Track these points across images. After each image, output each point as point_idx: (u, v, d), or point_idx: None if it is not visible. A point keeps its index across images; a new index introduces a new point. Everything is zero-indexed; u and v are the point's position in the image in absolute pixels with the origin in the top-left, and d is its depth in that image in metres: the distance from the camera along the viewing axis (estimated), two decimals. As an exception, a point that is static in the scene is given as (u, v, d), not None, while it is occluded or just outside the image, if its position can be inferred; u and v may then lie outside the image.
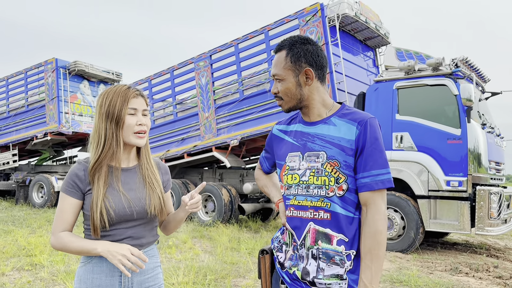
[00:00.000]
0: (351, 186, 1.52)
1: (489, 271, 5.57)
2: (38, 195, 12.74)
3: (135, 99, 1.60)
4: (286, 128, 1.73)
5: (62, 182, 12.12)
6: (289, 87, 1.59)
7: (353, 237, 1.52)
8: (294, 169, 1.62)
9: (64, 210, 1.56)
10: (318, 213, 1.54)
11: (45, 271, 4.84)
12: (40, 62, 12.69)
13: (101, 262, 1.57)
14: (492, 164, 6.71)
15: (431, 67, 6.60)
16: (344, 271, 1.51)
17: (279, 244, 1.70)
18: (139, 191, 1.62)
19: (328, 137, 1.56)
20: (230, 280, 4.69)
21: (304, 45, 1.59)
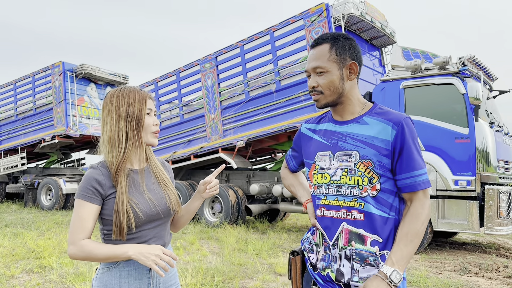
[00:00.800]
0: (384, 186, 1.50)
1: (499, 271, 5.52)
2: (47, 197, 12.83)
3: (150, 100, 1.62)
4: (315, 127, 1.71)
5: (69, 184, 12.21)
6: (333, 79, 1.55)
7: (387, 237, 1.50)
8: (324, 168, 1.59)
9: (84, 218, 1.49)
10: (351, 213, 1.51)
11: (54, 273, 4.87)
12: (47, 66, 12.79)
13: (128, 265, 1.53)
14: (501, 163, 6.66)
15: (438, 66, 6.57)
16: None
17: (310, 245, 1.66)
18: (158, 191, 1.61)
19: (361, 136, 1.53)
20: (238, 282, 4.69)
21: (348, 40, 1.58)
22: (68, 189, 12.47)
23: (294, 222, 10.87)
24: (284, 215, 10.72)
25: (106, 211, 1.51)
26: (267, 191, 9.01)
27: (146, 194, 1.57)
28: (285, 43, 8.23)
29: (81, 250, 1.46)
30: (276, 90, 8.41)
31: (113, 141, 1.55)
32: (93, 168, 1.55)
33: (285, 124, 8.25)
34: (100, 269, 1.56)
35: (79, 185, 1.53)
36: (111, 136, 1.55)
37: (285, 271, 5.21)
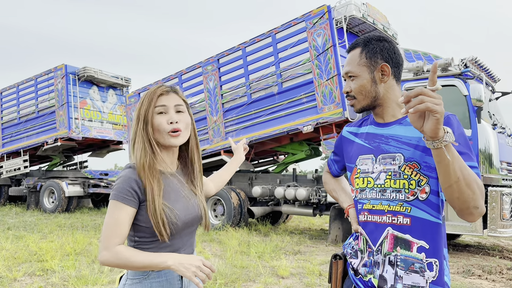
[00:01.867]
0: (433, 188, 1.43)
1: (502, 273, 5.49)
2: (49, 200, 12.85)
3: (164, 96, 1.48)
4: (357, 130, 1.67)
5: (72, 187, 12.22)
6: (364, 83, 1.52)
7: (435, 244, 1.43)
8: (367, 172, 1.55)
9: (121, 222, 1.38)
10: (397, 218, 1.46)
11: (56, 276, 4.87)
12: (50, 69, 12.84)
13: (160, 276, 1.45)
14: (504, 165, 6.63)
15: (440, 68, 6.55)
16: (425, 282, 1.41)
17: (353, 250, 1.62)
18: (192, 196, 1.54)
19: (404, 138, 1.47)
20: (240, 284, 4.68)
21: (380, 41, 1.54)
22: (70, 192, 12.49)
23: (297, 224, 10.85)
24: (287, 218, 10.70)
25: (141, 217, 1.42)
26: (270, 194, 9.00)
27: (181, 199, 1.49)
28: (287, 45, 8.23)
29: (116, 257, 1.36)
30: (278, 92, 8.41)
31: (135, 145, 1.48)
32: (133, 168, 1.44)
33: (287, 126, 8.25)
34: (128, 280, 1.47)
35: (116, 185, 1.42)
36: (132, 140, 1.50)
37: (287, 273, 5.20)
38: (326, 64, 7.65)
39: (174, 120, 1.46)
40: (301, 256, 6.43)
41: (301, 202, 8.55)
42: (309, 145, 9.12)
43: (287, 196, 8.50)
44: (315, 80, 7.81)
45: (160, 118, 1.46)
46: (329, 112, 7.65)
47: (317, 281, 4.93)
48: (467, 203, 1.26)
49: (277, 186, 8.99)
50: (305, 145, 9.11)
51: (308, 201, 8.39)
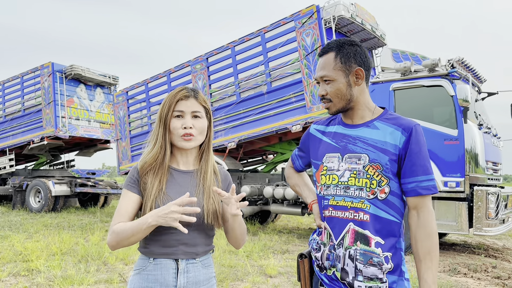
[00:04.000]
0: (393, 189, 1.55)
1: (488, 271, 5.56)
2: (35, 199, 12.69)
3: (183, 101, 1.56)
4: (325, 129, 1.75)
5: (58, 186, 12.11)
6: (340, 87, 1.60)
7: (391, 240, 1.55)
8: (332, 170, 1.63)
9: (123, 206, 1.53)
10: (358, 214, 1.55)
11: (42, 276, 4.81)
12: (36, 66, 12.67)
13: (156, 269, 1.51)
14: (489, 164, 6.72)
15: (427, 68, 6.61)
16: (383, 273, 1.52)
17: (317, 245, 1.69)
18: (196, 195, 1.56)
19: (371, 140, 1.57)
20: (228, 284, 4.67)
21: (353, 46, 1.62)
22: (57, 191, 12.34)
23: (285, 223, 10.87)
24: (275, 217, 10.70)
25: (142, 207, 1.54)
26: (258, 193, 9.00)
27: (179, 195, 1.52)
28: (276, 45, 8.23)
29: (114, 234, 1.46)
30: (267, 92, 8.41)
31: (151, 141, 1.60)
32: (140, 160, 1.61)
33: (276, 126, 8.25)
34: (133, 270, 1.57)
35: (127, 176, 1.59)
36: (151, 136, 1.62)
37: (275, 272, 5.20)
38: (315, 63, 7.67)
39: (188, 126, 1.55)
40: (290, 255, 6.44)
41: (289, 202, 8.56)
42: (298, 145, 9.14)
43: (275, 196, 8.51)
44: (304, 80, 7.83)
45: (176, 122, 1.55)
46: (318, 112, 7.67)
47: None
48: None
49: (266, 185, 8.99)
50: (294, 145, 9.12)
51: (297, 200, 8.40)
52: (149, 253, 1.53)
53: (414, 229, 1.54)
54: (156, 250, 1.52)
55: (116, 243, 1.46)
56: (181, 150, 1.61)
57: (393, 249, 1.54)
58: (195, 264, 1.55)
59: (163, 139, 1.57)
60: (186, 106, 1.56)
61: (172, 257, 1.52)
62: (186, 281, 1.52)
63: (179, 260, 1.52)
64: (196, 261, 1.55)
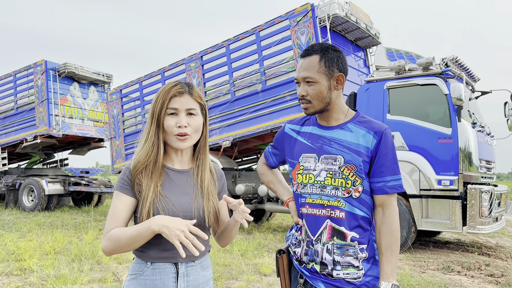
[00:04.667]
0: (365, 188, 1.66)
1: (481, 269, 5.59)
2: (28, 198, 12.61)
3: (177, 98, 1.48)
4: (299, 129, 1.81)
5: (52, 185, 12.03)
6: (322, 90, 1.66)
7: (365, 233, 1.66)
8: (309, 170, 1.70)
9: (116, 209, 1.43)
10: (334, 211, 1.64)
11: (35, 275, 4.77)
12: (30, 64, 12.58)
13: (154, 274, 1.44)
14: (483, 163, 6.75)
15: (422, 67, 6.63)
16: (358, 262, 1.63)
17: (296, 240, 1.77)
18: (195, 197, 1.51)
19: (345, 142, 1.66)
20: (223, 282, 4.66)
21: (336, 51, 1.69)
22: (50, 190, 12.27)
23: (280, 222, 10.87)
24: (270, 215, 10.71)
25: (137, 209, 1.46)
26: (253, 191, 8.99)
27: (177, 196, 1.48)
28: (271, 43, 8.22)
29: (110, 240, 1.37)
30: (262, 90, 8.39)
31: (142, 139, 1.52)
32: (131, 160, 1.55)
33: (271, 124, 8.24)
34: (128, 275, 1.49)
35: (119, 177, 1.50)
36: (142, 134, 1.54)
37: (270, 271, 5.20)
38: (309, 62, 7.66)
39: (183, 124, 1.47)
40: (284, 254, 6.43)
41: (284, 200, 8.56)
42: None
43: (270, 194, 8.51)
44: (298, 78, 7.81)
45: (170, 120, 1.47)
46: (313, 110, 7.67)
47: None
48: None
49: (260, 184, 8.98)
50: (289, 143, 9.12)
51: (291, 199, 8.40)
52: (146, 257, 1.45)
53: (379, 224, 1.65)
54: (154, 254, 1.44)
55: (113, 250, 1.39)
56: (176, 149, 1.54)
57: (367, 241, 1.66)
58: (194, 266, 1.50)
59: (155, 137, 1.48)
60: (181, 103, 1.47)
61: (171, 260, 1.45)
62: (186, 285, 1.47)
63: (178, 264, 1.46)
64: (195, 263, 1.50)
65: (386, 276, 1.59)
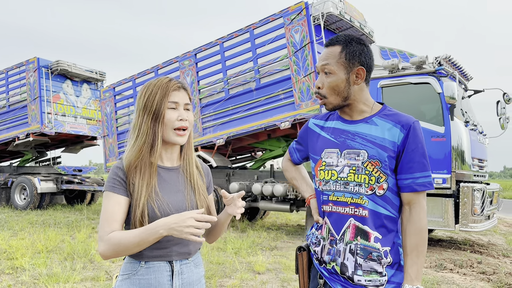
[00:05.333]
0: (391, 186, 1.56)
1: (473, 267, 5.63)
2: (21, 197, 12.52)
3: (177, 92, 1.48)
4: (323, 124, 1.74)
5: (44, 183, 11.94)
6: (338, 83, 1.59)
7: (389, 234, 1.57)
8: (331, 165, 1.63)
9: (111, 210, 1.38)
10: (358, 210, 1.56)
11: (27, 274, 4.73)
12: (22, 62, 12.48)
13: (148, 273, 1.42)
14: (475, 161, 6.79)
15: (415, 66, 6.65)
16: (382, 267, 1.54)
17: (317, 239, 1.70)
18: (187, 194, 1.50)
19: (369, 136, 1.58)
20: (216, 280, 4.65)
21: (360, 45, 1.61)
22: (43, 188, 12.18)
23: (274, 220, 10.88)
24: (264, 214, 10.71)
25: (130, 208, 1.43)
26: (247, 190, 8.98)
27: (171, 194, 1.46)
28: (265, 41, 8.21)
29: (110, 244, 1.33)
30: (256, 88, 8.38)
31: (133, 135, 1.48)
32: (120, 159, 1.49)
33: (265, 122, 8.24)
34: (119, 276, 1.46)
35: (107, 178, 1.45)
36: (133, 130, 1.49)
37: (263, 269, 5.20)
38: (303, 60, 7.67)
39: (185, 118, 1.47)
40: (278, 252, 6.44)
41: (278, 198, 8.57)
42: (287, 142, 9.14)
43: (264, 192, 8.50)
44: (292, 77, 7.82)
45: (171, 113, 1.46)
46: (307, 109, 7.68)
47: (294, 277, 4.95)
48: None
49: (254, 182, 8.97)
50: (283, 142, 9.12)
51: (285, 197, 8.41)
52: (139, 257, 1.43)
53: (405, 224, 1.55)
54: (148, 253, 1.42)
55: (114, 254, 1.34)
56: (166, 146, 1.51)
57: (391, 243, 1.57)
58: (188, 264, 1.49)
59: (151, 131, 1.45)
60: (179, 97, 1.48)
61: (166, 259, 1.44)
62: (181, 283, 1.46)
63: (173, 262, 1.45)
64: (189, 261, 1.50)
65: (410, 279, 1.49)
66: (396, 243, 1.58)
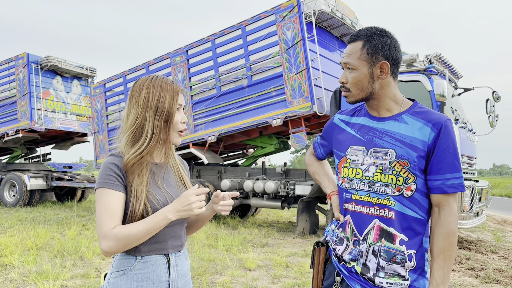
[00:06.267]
0: (419, 187, 1.50)
1: (462, 263, 5.70)
2: (10, 194, 12.39)
3: (181, 95, 1.51)
4: (349, 119, 1.69)
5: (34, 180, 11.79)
6: (361, 78, 1.54)
7: (416, 237, 1.51)
8: (356, 163, 1.58)
9: (111, 206, 1.37)
10: (384, 211, 1.51)
11: (16, 271, 4.70)
12: (11, 57, 12.33)
13: (146, 267, 1.43)
14: (465, 159, 6.85)
15: (406, 64, 6.69)
16: (405, 271, 1.49)
17: (337, 238, 1.65)
18: (179, 188, 1.54)
19: (398, 135, 1.52)
20: (207, 277, 4.65)
21: (382, 37, 1.54)
22: (32, 185, 12.07)
23: (265, 217, 10.90)
24: (256, 211, 10.73)
25: (126, 204, 1.43)
26: (239, 187, 8.99)
27: (166, 189, 1.49)
28: (257, 38, 8.20)
29: (117, 239, 1.33)
30: (247, 85, 8.38)
31: (135, 133, 1.46)
32: (114, 155, 1.46)
33: (257, 120, 8.24)
34: (113, 273, 1.45)
35: (99, 173, 1.42)
36: (134, 128, 1.47)
37: (254, 266, 5.21)
38: (295, 58, 7.68)
39: (185, 120, 1.54)
40: (269, 249, 6.46)
41: (269, 195, 8.59)
42: (278, 139, 9.16)
43: (256, 189, 8.52)
44: (284, 74, 7.83)
45: (177, 115, 1.50)
46: (298, 106, 7.69)
47: (284, 273, 4.97)
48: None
49: (246, 179, 8.98)
50: (274, 139, 9.14)
51: (277, 194, 8.43)
52: (135, 252, 1.43)
53: (433, 227, 1.51)
54: (145, 247, 1.43)
55: (122, 248, 1.35)
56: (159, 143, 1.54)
57: (417, 247, 1.51)
58: (181, 256, 1.53)
59: (165, 132, 1.48)
60: (182, 100, 1.52)
61: (162, 252, 1.46)
62: (177, 275, 1.49)
63: (169, 254, 1.48)
64: (181, 253, 1.53)
65: (435, 283, 1.44)
66: (422, 247, 1.53)
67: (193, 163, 10.33)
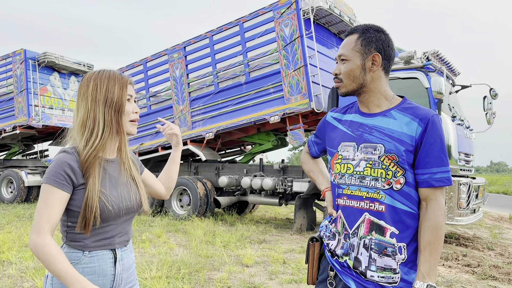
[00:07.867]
0: (409, 180, 1.53)
1: (458, 259, 5.72)
2: (7, 190, 12.38)
3: (130, 86, 1.53)
4: (341, 117, 1.73)
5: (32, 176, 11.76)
6: (353, 69, 1.59)
7: (406, 230, 1.53)
8: (347, 159, 1.62)
9: (52, 205, 1.35)
10: (373, 204, 1.54)
11: (13, 268, 4.70)
12: (8, 53, 12.27)
13: (92, 262, 1.44)
14: (462, 156, 6.87)
15: (403, 61, 6.69)
16: (396, 264, 1.52)
17: (330, 233, 1.69)
18: (130, 184, 1.54)
19: (387, 130, 1.56)
20: (205, 273, 4.66)
21: (378, 32, 1.60)
22: (30, 182, 12.06)
23: (263, 214, 10.92)
24: (253, 207, 10.74)
25: (75, 202, 1.40)
26: (236, 183, 9.00)
27: (118, 187, 1.49)
28: (255, 35, 8.19)
29: (42, 250, 1.31)
30: (245, 82, 8.37)
31: (87, 127, 1.44)
32: (67, 152, 1.42)
33: (255, 116, 8.24)
34: None
35: (49, 168, 1.39)
36: (86, 122, 1.45)
37: (252, 262, 5.23)
38: (293, 54, 7.67)
39: (137, 110, 1.55)
40: (266, 245, 6.47)
41: (267, 192, 8.60)
42: (276, 136, 9.16)
43: (253, 186, 8.53)
44: (282, 71, 7.82)
45: (128, 106, 1.51)
46: (296, 103, 7.69)
47: (281, 269, 4.98)
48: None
49: (243, 176, 8.99)
50: (272, 136, 9.14)
51: (274, 191, 8.44)
52: (82, 247, 1.44)
53: (421, 220, 1.53)
54: (91, 243, 1.45)
55: (37, 256, 1.32)
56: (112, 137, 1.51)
57: (408, 240, 1.53)
58: (126, 250, 1.57)
59: (115, 123, 1.47)
60: (132, 91, 1.54)
61: (109, 247, 1.49)
62: (122, 268, 1.53)
63: (115, 250, 1.51)
64: (127, 247, 1.57)
65: (421, 276, 1.47)
66: (413, 240, 1.55)
67: (191, 160, 10.33)
